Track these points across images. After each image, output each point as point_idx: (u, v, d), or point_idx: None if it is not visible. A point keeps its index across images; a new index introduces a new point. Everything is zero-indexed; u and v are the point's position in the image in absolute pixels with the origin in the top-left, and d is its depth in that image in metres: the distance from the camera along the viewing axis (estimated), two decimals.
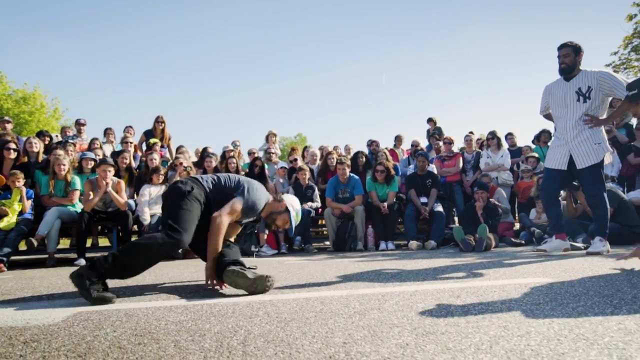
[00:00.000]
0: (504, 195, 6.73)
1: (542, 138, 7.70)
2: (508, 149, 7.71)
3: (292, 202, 3.13)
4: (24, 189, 5.26)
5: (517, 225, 7.08)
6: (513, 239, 6.05)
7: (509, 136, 8.15)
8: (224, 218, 2.75)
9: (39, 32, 41.34)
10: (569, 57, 4.09)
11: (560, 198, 4.74)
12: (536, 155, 7.19)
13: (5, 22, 37.77)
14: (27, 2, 40.12)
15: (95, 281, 2.36)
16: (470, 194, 7.02)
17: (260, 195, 3.01)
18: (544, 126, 7.87)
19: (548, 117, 4.50)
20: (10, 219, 5.01)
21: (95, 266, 2.38)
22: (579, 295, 2.06)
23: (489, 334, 1.47)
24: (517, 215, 7.22)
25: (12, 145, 5.80)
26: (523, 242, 5.96)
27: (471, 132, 8.25)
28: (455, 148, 7.97)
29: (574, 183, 5.12)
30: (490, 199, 6.06)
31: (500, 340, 1.38)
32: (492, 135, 7.48)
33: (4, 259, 4.70)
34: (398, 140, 8.99)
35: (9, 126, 7.63)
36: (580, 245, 4.69)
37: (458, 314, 1.79)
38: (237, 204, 2.83)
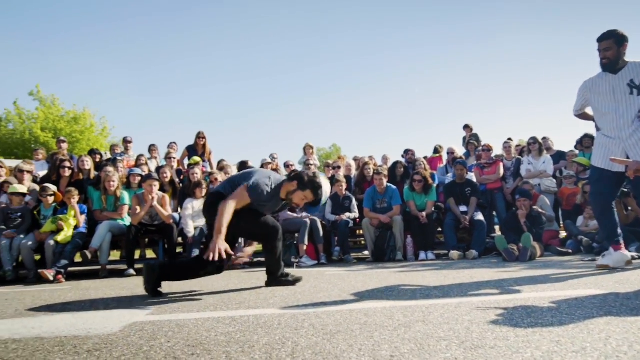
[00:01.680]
0: (547, 203, 6.48)
1: (584, 143, 7.39)
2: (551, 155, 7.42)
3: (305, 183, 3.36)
4: (76, 207, 5.54)
5: (562, 234, 6.80)
6: (559, 248, 5.80)
7: (544, 140, 7.85)
8: (227, 203, 3.11)
9: (85, 54, 43.65)
10: (611, 51, 3.56)
11: None
12: (582, 161, 6.89)
13: (54, 47, 40.16)
14: (73, 28, 42.49)
15: None
16: (512, 202, 6.81)
17: (265, 180, 3.30)
18: (586, 130, 7.56)
19: (583, 116, 4.02)
20: (67, 233, 5.29)
21: None
22: (637, 309, 1.96)
23: (541, 349, 1.42)
24: (561, 223, 6.94)
25: (68, 164, 6.15)
26: (570, 251, 5.71)
27: (510, 139, 8.02)
28: (493, 155, 7.76)
29: (624, 189, 4.85)
30: (534, 207, 5.86)
31: (554, 356, 1.34)
32: (534, 140, 7.23)
33: (62, 270, 4.97)
34: (440, 148, 8.89)
35: (65, 145, 8.10)
36: (634, 254, 4.44)
37: (507, 327, 1.74)
38: (242, 190, 3.19)
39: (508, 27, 59.08)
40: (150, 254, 8.47)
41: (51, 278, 4.82)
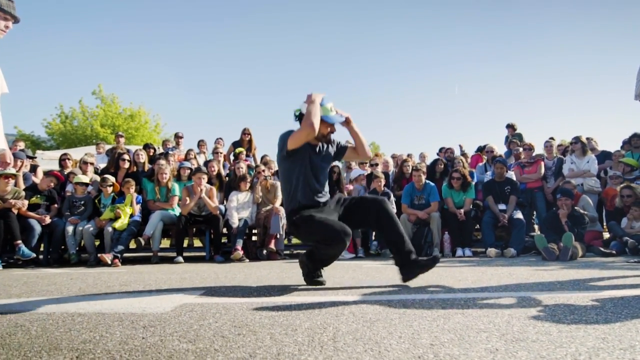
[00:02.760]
0: (590, 203, 6.15)
1: (633, 142, 6.94)
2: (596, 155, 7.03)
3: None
4: (134, 195, 5.81)
5: (606, 235, 6.44)
6: (602, 249, 5.50)
7: (588, 141, 7.42)
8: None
9: (141, 56, 45.44)
10: None
11: None
12: (629, 161, 6.49)
13: (113, 50, 42.13)
14: (129, 32, 44.38)
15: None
16: (552, 202, 6.52)
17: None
18: (635, 129, 7.09)
19: None
20: (124, 221, 5.54)
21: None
22: None
23: (586, 344, 1.36)
24: (604, 223, 6.57)
25: (126, 157, 6.44)
26: (614, 252, 5.39)
27: (551, 138, 7.67)
28: (534, 154, 7.44)
29: None
30: (576, 207, 5.58)
31: (600, 352, 1.28)
32: (576, 140, 6.88)
33: (119, 255, 5.22)
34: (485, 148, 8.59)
35: (122, 140, 8.50)
36: None
37: (548, 322, 1.67)
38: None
39: (553, 20, 56.10)
40: (197, 242, 8.73)
41: (109, 261, 5.08)
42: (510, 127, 9.17)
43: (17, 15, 2.67)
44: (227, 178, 7.21)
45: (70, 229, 5.54)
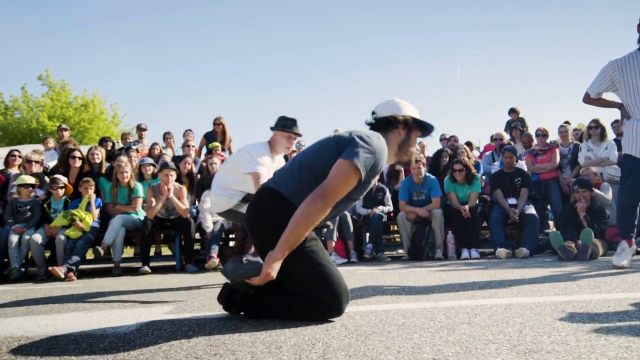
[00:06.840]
0: (609, 187, 6.24)
1: None
2: (615, 140, 7.15)
3: (405, 111, 2.39)
4: (94, 198, 5.73)
5: None
6: None
7: (615, 124, 7.56)
8: (316, 201, 2.10)
9: (96, 37, 44.67)
10: None
11: None
12: None
13: (63, 28, 41.31)
14: (83, 7, 43.57)
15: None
16: (569, 194, 6.63)
17: (376, 136, 2.20)
18: None
19: (598, 102, 4.14)
20: (86, 229, 5.46)
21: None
22: None
23: (608, 355, 1.39)
24: None
25: (78, 154, 6.33)
26: (639, 249, 5.52)
27: (567, 122, 7.79)
28: (548, 141, 7.55)
29: None
30: (597, 191, 5.70)
31: None
32: (596, 123, 6.97)
33: (74, 267, 5.16)
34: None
35: (66, 134, 8.40)
36: None
37: (565, 331, 1.71)
38: (346, 167, 2.07)
39: None
40: (166, 250, 8.69)
41: (62, 275, 5.00)
42: (514, 112, 9.32)
43: None
44: (198, 175, 7.16)
45: (14, 238, 5.44)
